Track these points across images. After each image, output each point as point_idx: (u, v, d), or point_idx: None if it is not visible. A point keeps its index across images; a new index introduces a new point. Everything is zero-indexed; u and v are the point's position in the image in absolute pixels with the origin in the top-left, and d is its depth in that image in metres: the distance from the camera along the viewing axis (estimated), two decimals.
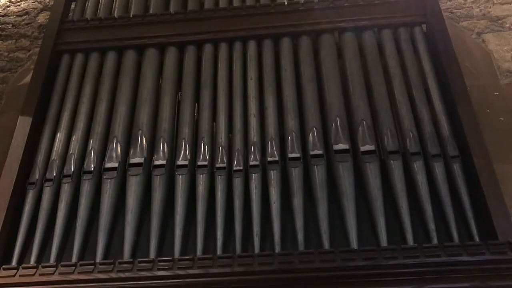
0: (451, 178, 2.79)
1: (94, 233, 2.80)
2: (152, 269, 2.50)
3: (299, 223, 2.65)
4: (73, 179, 2.95)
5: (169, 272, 2.48)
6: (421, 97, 3.10)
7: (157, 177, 2.89)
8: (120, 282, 2.49)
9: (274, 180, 2.79)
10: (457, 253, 2.46)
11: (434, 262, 2.44)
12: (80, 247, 2.74)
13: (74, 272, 2.53)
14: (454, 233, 2.62)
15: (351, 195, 2.71)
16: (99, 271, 2.53)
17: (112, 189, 2.88)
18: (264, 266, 2.44)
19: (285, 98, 3.16)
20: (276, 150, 2.91)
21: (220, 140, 3.02)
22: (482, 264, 2.43)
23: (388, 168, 2.82)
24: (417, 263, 2.44)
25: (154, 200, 2.82)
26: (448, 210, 2.68)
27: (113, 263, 2.55)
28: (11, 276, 2.57)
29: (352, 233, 2.60)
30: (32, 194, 2.95)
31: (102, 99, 3.30)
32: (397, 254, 2.47)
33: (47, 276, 2.54)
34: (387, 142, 2.89)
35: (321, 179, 2.78)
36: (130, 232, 2.74)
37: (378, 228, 2.63)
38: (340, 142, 2.89)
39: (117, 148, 3.04)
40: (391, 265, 2.45)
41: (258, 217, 2.68)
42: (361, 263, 2.45)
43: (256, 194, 2.75)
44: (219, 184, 2.81)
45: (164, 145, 3.02)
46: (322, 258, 2.46)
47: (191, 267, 2.48)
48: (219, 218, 2.70)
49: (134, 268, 2.52)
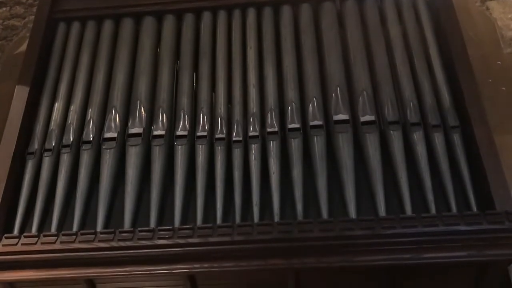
0: (451, 149, 2.79)
1: (94, 203, 2.81)
2: (152, 238, 2.53)
3: (298, 193, 2.66)
4: (72, 149, 2.95)
5: (169, 241, 2.51)
6: (422, 66, 3.07)
7: (156, 147, 2.89)
8: (120, 250, 2.52)
9: (273, 151, 2.79)
10: (455, 222, 2.47)
11: (432, 231, 2.46)
12: (80, 216, 2.76)
13: (75, 241, 2.56)
14: (453, 204, 2.64)
15: (350, 165, 2.72)
16: (100, 240, 2.55)
17: (111, 159, 2.88)
18: (263, 235, 2.46)
19: (285, 68, 3.12)
20: (275, 121, 2.90)
21: (220, 110, 3.00)
22: (479, 234, 2.45)
23: (388, 139, 2.81)
24: (415, 232, 2.47)
25: (154, 170, 2.82)
26: (447, 181, 2.69)
27: (113, 232, 2.57)
28: (13, 244, 2.59)
29: (351, 204, 2.62)
30: (31, 164, 2.95)
31: (99, 68, 3.27)
32: (395, 223, 2.49)
33: (49, 245, 2.56)
34: (387, 112, 2.88)
35: (321, 150, 2.77)
36: (130, 202, 2.76)
37: (376, 199, 2.65)
38: (340, 112, 2.88)
39: (116, 118, 3.02)
40: (389, 235, 2.47)
41: (257, 187, 2.69)
42: (359, 233, 2.47)
43: (255, 165, 2.76)
44: (219, 155, 2.81)
45: (163, 115, 3.01)
46: (321, 227, 2.48)
47: (191, 236, 2.50)
48: (219, 188, 2.71)
49: (135, 237, 2.54)
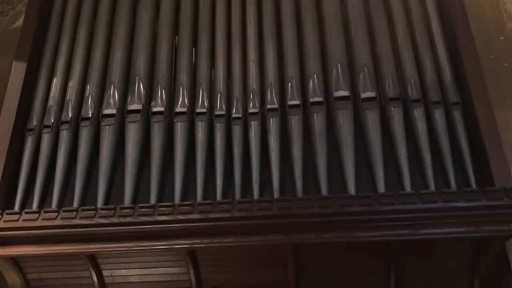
0: (451, 125, 2.78)
1: (94, 179, 2.82)
2: (153, 214, 2.54)
3: (298, 170, 2.66)
4: (71, 125, 2.94)
5: (170, 217, 2.52)
6: (424, 42, 3.04)
7: (155, 124, 2.88)
8: (121, 226, 2.53)
9: (273, 127, 2.78)
10: (454, 199, 2.48)
11: (431, 208, 2.47)
12: (81, 193, 2.77)
13: (76, 217, 2.57)
14: (452, 180, 2.65)
15: (350, 142, 2.71)
16: (101, 216, 2.57)
17: (111, 136, 2.88)
18: (263, 211, 2.48)
19: (285, 43, 3.08)
20: (275, 98, 2.88)
21: (219, 87, 2.98)
22: (478, 210, 2.46)
23: (388, 115, 2.80)
24: (414, 208, 2.48)
25: (154, 147, 2.82)
26: (447, 157, 2.69)
27: (114, 208, 2.58)
28: (14, 220, 2.61)
29: (350, 180, 2.63)
30: (31, 140, 2.95)
31: (97, 44, 3.23)
32: (394, 200, 2.50)
33: (50, 220, 2.58)
34: (388, 88, 2.86)
35: (321, 126, 2.77)
36: (130, 178, 2.76)
37: (376, 175, 2.65)
38: (341, 89, 2.86)
39: (115, 94, 3.00)
40: (388, 211, 2.48)
41: (257, 164, 2.70)
42: (358, 209, 2.48)
43: (255, 142, 2.75)
44: (218, 132, 2.81)
45: (162, 91, 2.98)
46: (320, 204, 2.49)
47: (191, 212, 2.51)
48: (219, 165, 2.71)
49: (135, 213, 2.55)
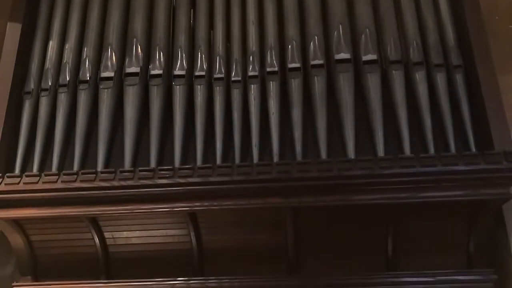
0: (453, 89, 2.76)
1: (94, 143, 2.82)
2: (153, 177, 2.55)
3: (298, 134, 2.66)
4: (69, 88, 2.92)
5: (170, 181, 2.53)
6: (427, 3, 2.97)
7: (154, 87, 2.85)
8: (121, 190, 2.55)
9: (273, 91, 2.76)
10: (453, 162, 2.49)
11: (430, 171, 2.48)
12: (80, 156, 2.78)
13: (76, 180, 2.59)
14: (452, 144, 2.65)
15: (350, 106, 2.70)
16: (101, 179, 2.58)
17: (109, 99, 2.86)
18: (262, 175, 2.49)
19: (286, 4, 3.01)
20: (275, 60, 2.84)
21: (218, 49, 2.93)
22: (477, 173, 2.47)
23: (390, 79, 2.77)
24: (413, 172, 2.49)
25: (153, 110, 2.81)
26: (447, 121, 2.69)
27: (114, 171, 2.59)
28: (15, 183, 2.62)
29: (350, 144, 2.63)
30: (29, 103, 2.94)
31: (94, 4, 3.15)
32: (394, 164, 2.51)
33: (50, 184, 2.59)
34: (390, 51, 2.82)
35: (321, 90, 2.74)
36: (129, 142, 2.76)
37: (376, 139, 2.65)
38: (342, 51, 2.81)
39: (112, 56, 2.96)
40: (387, 174, 2.49)
41: (256, 128, 2.69)
42: (357, 173, 2.49)
43: (254, 106, 2.73)
44: (217, 95, 2.78)
45: (160, 53, 2.94)
46: (319, 167, 2.50)
47: (191, 176, 2.52)
48: (218, 129, 2.71)
49: (136, 177, 2.57)
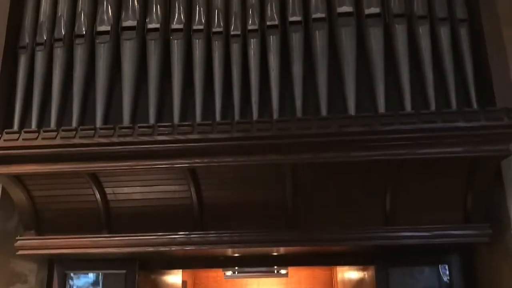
0: (456, 43, 2.70)
1: (92, 99, 2.79)
2: (152, 134, 2.55)
3: (298, 90, 2.63)
4: (65, 43, 2.85)
5: (169, 137, 2.53)
6: None
7: (151, 41, 2.78)
8: (121, 146, 2.55)
9: (273, 45, 2.70)
10: (453, 119, 2.48)
11: (430, 128, 2.48)
12: (79, 112, 2.76)
13: (75, 137, 2.58)
14: (453, 100, 2.62)
15: (352, 61, 2.65)
16: (100, 135, 2.58)
17: (106, 54, 2.80)
18: (262, 132, 2.48)
19: None
20: (275, 13, 2.76)
21: (216, 1, 2.83)
22: (477, 130, 2.46)
23: (392, 33, 2.71)
24: (413, 129, 2.48)
25: (150, 66, 2.76)
26: (449, 77, 2.65)
27: (113, 128, 2.59)
28: (14, 139, 2.62)
29: (351, 100, 2.60)
30: (24, 58, 2.88)
31: None
32: (394, 120, 2.50)
33: (49, 140, 2.59)
34: (393, 4, 2.73)
35: (322, 44, 2.68)
36: (128, 98, 2.73)
37: (377, 95, 2.62)
38: (344, 4, 2.73)
39: (108, 10, 2.87)
40: (387, 131, 2.49)
41: (256, 84, 2.65)
42: (357, 129, 2.48)
43: (254, 61, 2.68)
44: (216, 50, 2.72)
45: (157, 6, 2.85)
46: (319, 124, 2.49)
47: (191, 133, 2.52)
48: (217, 85, 2.67)
49: (135, 133, 2.56)
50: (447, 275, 3.01)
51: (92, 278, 3.23)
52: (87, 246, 2.88)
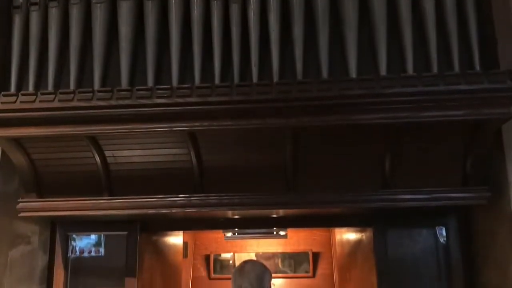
0: (461, 4, 2.63)
1: (89, 60, 2.75)
2: (151, 97, 2.52)
3: (299, 52, 2.58)
4: (60, 2, 2.78)
5: (168, 100, 2.50)
6: None
7: (148, 1, 2.71)
8: (119, 109, 2.53)
9: (273, 5, 2.62)
10: (456, 82, 2.45)
11: (432, 91, 2.45)
12: (76, 75, 2.72)
13: (74, 100, 2.56)
14: (456, 63, 2.58)
15: (354, 22, 2.59)
16: (98, 98, 2.55)
17: (102, 15, 2.73)
18: (262, 95, 2.45)
19: None
20: None
21: None
22: (479, 93, 2.44)
23: None
24: (414, 92, 2.45)
25: (148, 26, 2.70)
26: (453, 38, 2.60)
27: (111, 91, 2.56)
28: (11, 102, 2.59)
29: (352, 62, 2.56)
30: (19, 19, 2.81)
31: None
32: (395, 83, 2.47)
33: (47, 103, 2.57)
34: None
35: (324, 4, 2.61)
36: (126, 59, 2.69)
37: (378, 57, 2.58)
38: None
39: None
40: (388, 94, 2.46)
41: (256, 45, 2.60)
42: (358, 92, 2.46)
43: (254, 21, 2.61)
44: (215, 10, 2.65)
45: None
46: (320, 87, 2.46)
47: (190, 96, 2.49)
48: (216, 46, 2.62)
49: (133, 96, 2.53)
50: (444, 237, 3.06)
51: (94, 239, 3.29)
52: (88, 208, 2.91)
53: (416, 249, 3.06)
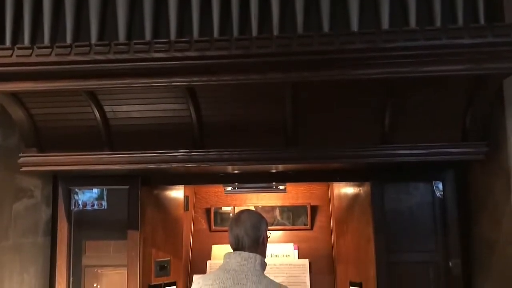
0: None
1: (85, 13, 2.67)
2: (148, 51, 2.47)
3: (299, 5, 2.50)
4: None
5: (166, 54, 2.46)
6: None
7: None
8: (117, 63, 2.49)
9: None
10: (459, 35, 2.39)
11: (434, 45, 2.40)
12: (72, 28, 2.65)
13: (71, 54, 2.51)
14: (460, 16, 2.51)
15: None
16: (96, 52, 2.50)
17: None
18: (262, 49, 2.41)
19: None
20: None
21: None
22: (482, 47, 2.39)
23: None
24: (417, 45, 2.41)
25: None
26: None
27: (109, 44, 2.51)
28: (7, 56, 2.55)
29: (354, 16, 2.49)
30: None
31: None
32: (397, 37, 2.41)
33: (44, 57, 2.52)
34: None
35: None
36: (122, 12, 2.61)
37: (381, 10, 2.51)
38: None
39: None
40: (390, 48, 2.42)
41: None
42: (360, 46, 2.41)
43: None
44: None
45: None
46: (320, 41, 2.41)
47: (188, 50, 2.45)
48: None
49: (131, 50, 2.49)
50: (441, 191, 3.10)
51: (96, 193, 3.34)
52: (89, 163, 2.94)
53: (412, 203, 3.12)
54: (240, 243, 2.28)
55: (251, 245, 2.28)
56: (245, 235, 2.28)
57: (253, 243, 2.28)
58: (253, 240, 2.28)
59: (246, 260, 2.22)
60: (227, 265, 2.24)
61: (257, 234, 2.30)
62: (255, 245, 2.29)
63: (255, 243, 2.29)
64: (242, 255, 2.23)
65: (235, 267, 2.21)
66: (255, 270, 2.20)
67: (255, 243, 2.29)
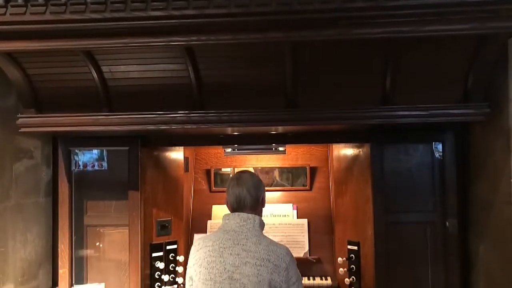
0: None
1: None
2: (146, 9, 2.41)
3: None
4: None
5: (164, 13, 2.40)
6: None
7: None
8: (113, 22, 2.43)
9: None
10: None
11: (436, 3, 2.34)
12: None
13: (66, 12, 2.45)
14: None
15: None
16: (92, 10, 2.44)
17: None
18: (261, 7, 2.34)
19: None
20: None
21: None
22: (486, 5, 2.33)
23: None
24: (420, 4, 2.35)
25: None
26: None
27: (105, 2, 2.44)
28: (1, 14, 2.49)
29: None
30: None
31: None
32: None
33: (38, 15, 2.46)
34: None
35: None
36: None
37: None
38: None
39: None
40: (391, 7, 2.36)
41: None
42: (361, 5, 2.34)
43: None
44: None
45: None
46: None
47: (187, 8, 2.38)
48: None
49: (128, 8, 2.42)
50: (440, 152, 3.11)
51: (96, 154, 3.34)
52: (88, 124, 2.93)
53: (412, 164, 3.14)
54: (242, 202, 2.29)
55: (252, 204, 2.29)
56: (247, 193, 2.29)
57: (254, 202, 2.30)
58: (254, 199, 2.30)
59: (245, 221, 2.24)
60: (226, 226, 2.27)
61: (258, 194, 2.32)
62: (256, 204, 2.31)
63: (256, 202, 2.31)
64: (241, 216, 2.26)
65: (234, 228, 2.24)
66: (255, 230, 2.23)
67: (256, 202, 2.31)
